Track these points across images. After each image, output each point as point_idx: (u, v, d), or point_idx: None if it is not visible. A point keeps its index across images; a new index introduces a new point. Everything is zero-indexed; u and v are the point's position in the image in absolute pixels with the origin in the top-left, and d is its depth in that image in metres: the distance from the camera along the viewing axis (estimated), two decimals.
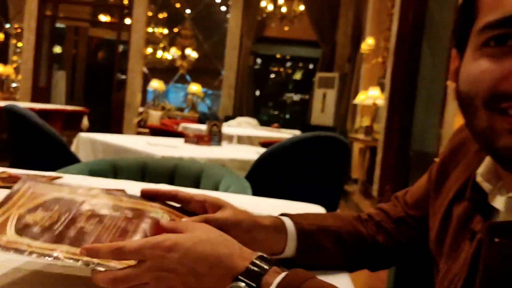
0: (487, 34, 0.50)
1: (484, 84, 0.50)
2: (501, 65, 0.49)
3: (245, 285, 0.50)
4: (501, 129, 0.50)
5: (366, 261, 0.81)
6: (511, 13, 0.47)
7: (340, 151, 2.36)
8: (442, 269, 0.66)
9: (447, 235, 0.66)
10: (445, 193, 0.70)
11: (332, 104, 7.28)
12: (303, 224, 0.74)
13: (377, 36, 6.07)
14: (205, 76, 8.87)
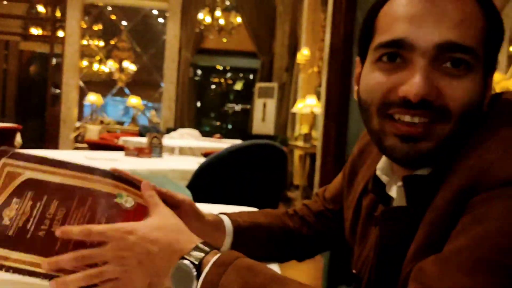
0: (380, 52, 0.59)
1: (377, 94, 0.59)
2: (390, 79, 0.58)
3: (189, 263, 0.57)
4: (388, 132, 0.59)
5: (294, 253, 0.90)
6: (399, 37, 0.57)
7: (277, 158, 2.45)
8: (356, 253, 0.75)
9: (358, 224, 0.76)
10: (355, 188, 0.80)
11: (272, 113, 7.44)
12: (239, 221, 0.82)
13: (312, 46, 6.31)
14: (145, 88, 8.75)
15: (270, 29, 7.82)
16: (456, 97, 0.56)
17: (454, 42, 0.55)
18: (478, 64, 0.57)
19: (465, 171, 0.53)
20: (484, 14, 0.58)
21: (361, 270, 0.72)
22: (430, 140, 0.57)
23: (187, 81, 7.71)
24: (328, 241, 0.92)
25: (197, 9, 7.41)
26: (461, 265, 0.47)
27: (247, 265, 0.57)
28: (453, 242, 0.50)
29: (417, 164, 0.61)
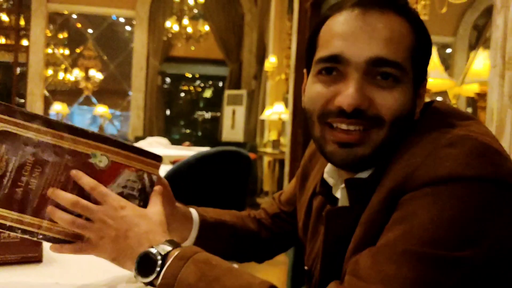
0: (320, 65, 0.66)
1: (318, 104, 0.66)
2: (328, 90, 0.65)
3: (156, 252, 0.63)
4: (328, 139, 0.66)
5: (254, 254, 0.96)
6: (335, 52, 0.64)
7: (243, 164, 2.52)
8: (307, 250, 0.81)
9: (309, 223, 0.81)
10: (307, 190, 0.85)
11: (242, 120, 7.49)
12: (206, 216, 0.87)
13: (279, 54, 6.42)
14: (112, 97, 8.66)
15: (238, 37, 7.89)
16: (387, 106, 0.62)
17: (383, 57, 0.62)
18: (406, 77, 0.63)
19: (395, 173, 0.59)
20: (413, 32, 0.65)
21: (312, 266, 0.77)
22: (365, 145, 0.63)
23: (156, 89, 7.67)
24: (284, 242, 0.98)
25: (164, 17, 7.40)
26: (389, 257, 0.53)
27: (205, 259, 0.62)
28: (384, 237, 0.56)
29: (356, 168, 0.67)
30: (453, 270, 0.51)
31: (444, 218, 0.53)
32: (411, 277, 0.51)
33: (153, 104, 7.66)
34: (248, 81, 7.81)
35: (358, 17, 0.63)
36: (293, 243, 0.99)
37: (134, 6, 7.55)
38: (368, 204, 0.62)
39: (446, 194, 0.54)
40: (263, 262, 0.99)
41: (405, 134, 0.64)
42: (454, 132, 0.59)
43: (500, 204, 0.54)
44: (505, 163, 0.56)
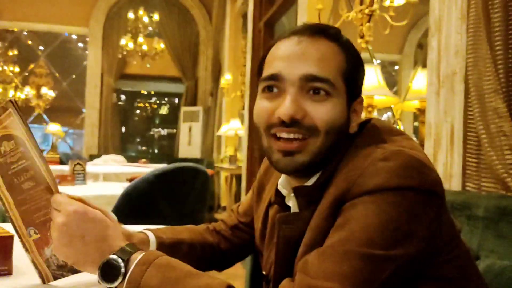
0: (264, 84, 0.76)
1: (263, 117, 0.76)
2: (271, 105, 0.75)
3: (118, 258, 0.66)
4: (274, 149, 0.75)
5: (214, 264, 1.01)
6: (274, 72, 0.74)
7: (200, 179, 2.56)
8: (264, 257, 0.88)
9: (266, 232, 0.89)
10: (263, 202, 0.93)
11: (198, 137, 7.51)
12: (163, 237, 0.91)
13: (234, 71, 6.52)
14: (65, 115, 8.43)
15: (194, 55, 7.95)
16: (320, 117, 0.72)
17: (313, 74, 0.72)
18: (336, 91, 0.73)
19: (338, 183, 0.68)
20: (343, 55, 0.75)
21: (269, 271, 0.83)
22: (304, 153, 0.72)
23: (111, 106, 7.57)
24: (242, 251, 1.04)
25: (119, 34, 7.37)
26: (332, 256, 0.61)
27: (166, 263, 0.66)
28: (329, 240, 0.64)
29: (300, 174, 0.77)
30: (387, 266, 0.60)
31: (379, 222, 0.61)
32: (350, 272, 0.59)
33: (108, 121, 7.55)
34: (204, 98, 7.86)
35: (294, 43, 0.74)
36: (250, 251, 1.05)
37: (87, 23, 7.46)
38: (314, 210, 0.71)
39: (381, 202, 0.62)
40: (223, 271, 1.04)
41: (342, 144, 0.74)
42: (388, 147, 0.68)
43: (426, 209, 0.64)
44: (431, 173, 0.66)
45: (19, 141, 0.74)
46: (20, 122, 0.74)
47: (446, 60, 1.61)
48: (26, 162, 0.75)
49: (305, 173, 0.77)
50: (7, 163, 0.74)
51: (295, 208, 0.78)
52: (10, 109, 0.74)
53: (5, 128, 0.74)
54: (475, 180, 1.45)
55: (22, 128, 0.74)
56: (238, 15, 6.61)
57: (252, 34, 5.27)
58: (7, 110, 0.74)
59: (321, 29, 0.76)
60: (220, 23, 7.18)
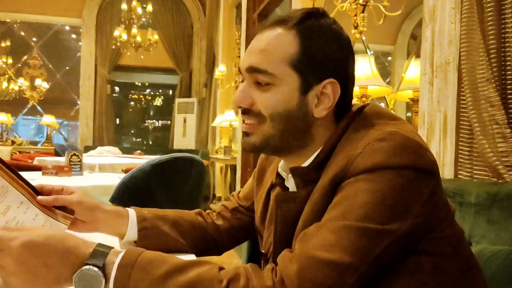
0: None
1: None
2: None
3: (92, 266, 0.61)
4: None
5: (209, 246, 1.02)
6: (238, 66, 0.83)
7: (196, 169, 2.58)
8: (264, 237, 0.92)
9: (267, 213, 0.93)
10: (264, 185, 0.98)
11: (193, 128, 7.53)
12: (143, 212, 0.93)
13: (228, 62, 6.52)
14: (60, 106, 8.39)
15: (188, 46, 7.93)
16: (263, 104, 0.77)
17: (252, 66, 0.77)
18: (279, 80, 0.76)
19: (337, 163, 0.71)
20: (298, 41, 0.76)
21: (268, 250, 0.87)
22: (255, 136, 0.80)
23: (105, 98, 7.55)
24: (241, 232, 1.06)
25: (112, 25, 7.33)
26: (331, 229, 0.65)
27: (150, 260, 0.63)
28: (327, 214, 0.68)
29: (259, 152, 0.83)
30: (382, 239, 0.64)
31: (375, 198, 0.65)
32: (349, 245, 0.63)
33: (103, 113, 7.53)
34: (199, 89, 7.86)
35: (255, 37, 0.80)
36: (249, 234, 1.07)
37: (80, 14, 7.41)
38: (313, 189, 0.74)
39: (377, 180, 0.66)
40: (222, 254, 1.06)
41: (309, 126, 0.78)
42: (384, 129, 0.71)
43: (421, 187, 0.67)
44: (426, 154, 0.69)
45: None
46: None
47: (440, 50, 1.64)
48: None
49: (265, 151, 0.83)
50: None
51: (293, 188, 0.82)
52: None
53: None
54: (467, 168, 1.48)
55: None
56: (232, 6, 6.59)
57: (246, 25, 5.27)
58: None
59: (280, 18, 0.79)
60: (213, 14, 7.15)
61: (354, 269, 0.62)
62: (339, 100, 0.79)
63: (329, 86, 0.78)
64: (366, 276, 0.64)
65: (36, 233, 0.63)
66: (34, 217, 0.77)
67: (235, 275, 0.64)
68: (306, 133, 0.79)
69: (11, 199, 0.75)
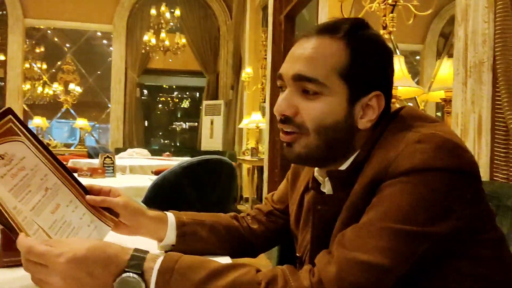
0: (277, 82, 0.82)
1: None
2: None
3: (133, 274, 0.63)
4: (281, 140, 0.81)
5: (245, 249, 1.03)
6: (279, 72, 0.80)
7: (226, 171, 2.60)
8: (299, 240, 0.92)
9: (301, 216, 0.93)
10: (298, 188, 0.97)
11: (220, 130, 7.59)
12: (182, 217, 0.95)
13: (255, 64, 6.55)
14: (92, 109, 8.63)
15: (214, 49, 8.01)
16: (309, 115, 0.75)
17: (300, 74, 0.75)
18: (328, 90, 0.74)
19: (374, 166, 0.70)
20: (348, 53, 0.75)
21: (304, 253, 0.86)
22: (298, 146, 0.77)
23: (134, 101, 7.71)
24: (276, 236, 1.07)
25: (142, 30, 7.50)
26: (370, 231, 0.64)
27: (188, 265, 0.65)
28: (366, 216, 0.67)
29: (306, 164, 0.84)
30: (422, 242, 0.64)
31: (415, 200, 0.64)
32: (388, 247, 0.63)
33: (132, 115, 7.69)
34: (225, 91, 7.92)
35: (298, 44, 0.79)
36: (284, 237, 1.06)
37: (111, 20, 7.59)
38: (348, 192, 0.74)
39: (417, 182, 0.65)
40: (257, 256, 1.06)
41: (352, 137, 0.77)
42: (422, 131, 0.70)
43: (461, 189, 0.66)
44: (466, 155, 0.68)
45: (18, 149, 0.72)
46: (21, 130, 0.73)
47: (473, 49, 1.61)
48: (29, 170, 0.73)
49: (309, 163, 0.82)
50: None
51: (329, 192, 0.81)
52: (10, 116, 0.72)
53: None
54: (504, 171, 1.45)
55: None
56: (258, 8, 6.62)
57: (272, 27, 5.27)
58: (6, 116, 0.71)
59: (327, 27, 0.77)
60: (240, 17, 7.20)
61: (393, 272, 0.62)
62: (382, 111, 0.78)
63: (375, 98, 0.77)
64: (404, 278, 0.63)
65: (78, 247, 0.65)
66: (81, 216, 0.80)
67: (272, 276, 0.64)
68: (349, 144, 0.78)
69: (62, 197, 0.78)
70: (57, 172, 0.78)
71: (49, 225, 0.73)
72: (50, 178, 0.77)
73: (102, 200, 0.84)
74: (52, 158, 0.78)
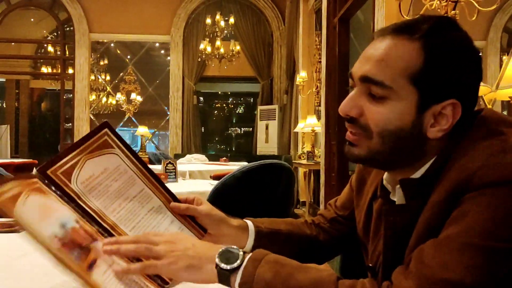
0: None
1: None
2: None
3: (234, 247, 0.71)
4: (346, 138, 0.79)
5: (312, 257, 1.02)
6: (349, 71, 0.77)
7: (285, 175, 2.62)
8: (369, 250, 0.87)
9: (370, 224, 0.87)
10: (365, 194, 0.92)
11: (275, 134, 7.64)
12: (261, 226, 0.94)
13: (309, 68, 6.53)
14: (151, 117, 9.00)
15: (268, 54, 8.08)
16: (373, 119, 0.71)
17: (367, 76, 0.71)
18: (396, 94, 0.70)
19: (455, 175, 0.65)
20: (422, 54, 0.69)
21: (376, 263, 0.82)
22: (361, 148, 0.74)
23: (192, 108, 7.93)
24: (341, 243, 1.04)
25: (197, 39, 7.73)
26: (451, 247, 0.60)
27: (275, 259, 0.69)
28: (446, 230, 0.63)
29: (362, 164, 0.82)
30: (509, 259, 0.58)
31: (501, 215, 0.59)
32: (472, 264, 0.58)
33: (190, 122, 7.91)
34: (280, 96, 7.97)
35: (372, 42, 0.75)
36: (350, 244, 1.04)
37: (168, 31, 7.89)
38: (423, 201, 0.69)
39: (503, 195, 0.60)
40: (323, 264, 1.05)
41: (419, 147, 0.72)
42: (505, 138, 0.65)
43: None
44: None
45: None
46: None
47: None
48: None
49: (377, 167, 0.81)
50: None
51: (400, 201, 0.77)
52: (106, 129, 0.77)
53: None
54: None
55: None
56: (311, 12, 6.61)
57: (326, 31, 5.23)
58: (103, 130, 0.77)
59: (405, 26, 0.72)
60: (293, 21, 7.23)
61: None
62: (458, 121, 0.71)
63: (450, 107, 0.70)
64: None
65: (176, 232, 0.75)
66: (170, 223, 0.84)
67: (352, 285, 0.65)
68: (417, 151, 0.73)
69: (152, 205, 0.82)
70: (147, 181, 0.82)
71: (142, 231, 0.78)
72: (141, 187, 0.81)
73: (186, 208, 0.86)
74: (143, 167, 0.82)
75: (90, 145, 0.76)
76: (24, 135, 9.82)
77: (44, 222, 0.66)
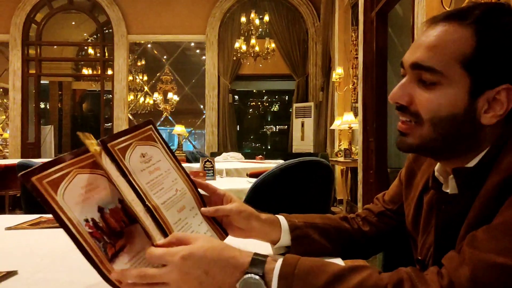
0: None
1: None
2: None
3: (253, 275, 0.63)
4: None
5: (356, 251, 1.01)
6: (401, 60, 0.76)
7: (324, 173, 2.60)
8: (419, 242, 0.86)
9: (420, 217, 0.86)
10: (415, 187, 0.91)
11: (311, 132, 7.60)
12: (294, 220, 0.94)
13: (345, 65, 6.45)
14: (188, 116, 9.14)
15: (303, 51, 8.04)
16: (423, 105, 0.71)
17: (417, 62, 0.71)
18: (447, 80, 0.69)
19: (509, 164, 0.65)
20: (474, 39, 0.69)
21: (426, 256, 0.81)
22: (412, 137, 0.74)
23: (227, 106, 7.99)
24: (388, 237, 1.03)
25: (232, 38, 7.78)
26: (506, 232, 0.60)
27: (308, 269, 0.64)
28: (500, 216, 0.62)
29: (415, 152, 0.80)
30: None
31: None
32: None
33: (225, 121, 7.98)
34: (315, 93, 7.91)
35: (424, 31, 0.74)
36: (398, 238, 1.03)
37: (204, 31, 7.98)
38: (476, 191, 0.68)
39: None
40: (369, 258, 1.04)
41: (476, 133, 0.71)
42: None
43: None
44: None
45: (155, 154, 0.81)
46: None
47: None
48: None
49: (431, 155, 0.78)
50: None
51: (453, 191, 0.76)
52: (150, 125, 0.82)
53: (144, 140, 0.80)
54: None
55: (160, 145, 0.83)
56: (348, 7, 6.51)
57: (363, 26, 5.15)
58: (148, 125, 0.82)
59: (456, 12, 0.72)
60: (328, 17, 7.15)
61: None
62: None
63: (504, 92, 0.69)
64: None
65: (197, 246, 0.66)
66: (200, 223, 0.85)
67: (398, 280, 0.62)
68: (471, 138, 0.72)
69: (187, 201, 0.84)
70: (183, 179, 0.85)
71: (174, 221, 0.78)
72: (179, 182, 0.84)
73: (215, 211, 0.87)
74: (180, 167, 0.86)
75: (139, 134, 0.79)
76: (67, 135, 10.20)
77: (81, 205, 0.66)
